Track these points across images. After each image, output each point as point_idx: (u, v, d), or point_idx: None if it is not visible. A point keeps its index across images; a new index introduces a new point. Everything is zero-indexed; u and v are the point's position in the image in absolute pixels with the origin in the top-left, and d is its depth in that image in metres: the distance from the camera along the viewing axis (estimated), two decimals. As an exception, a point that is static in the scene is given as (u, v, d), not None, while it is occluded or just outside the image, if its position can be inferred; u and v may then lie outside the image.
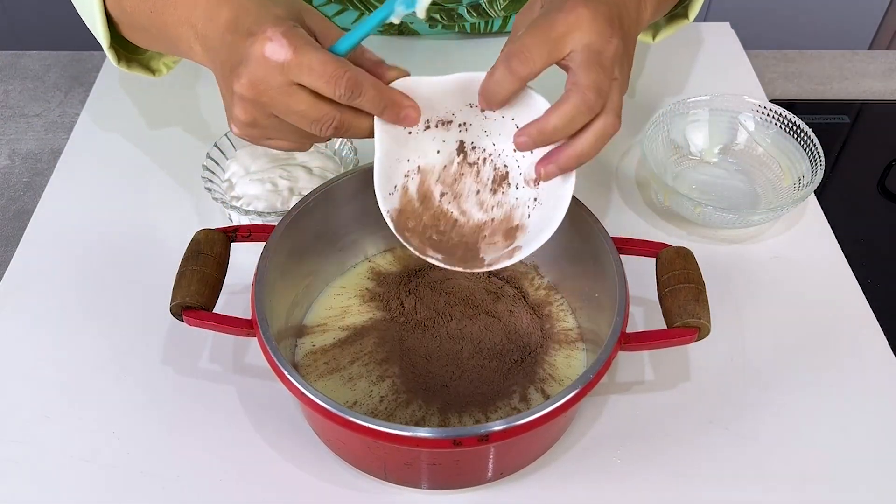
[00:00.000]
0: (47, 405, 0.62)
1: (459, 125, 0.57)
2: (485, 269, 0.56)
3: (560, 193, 0.55)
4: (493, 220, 0.58)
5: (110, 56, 0.65)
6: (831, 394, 0.65)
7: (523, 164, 0.57)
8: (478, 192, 0.59)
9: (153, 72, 0.71)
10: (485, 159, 0.58)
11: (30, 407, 0.62)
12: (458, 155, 0.58)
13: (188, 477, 0.58)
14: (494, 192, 0.58)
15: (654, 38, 0.79)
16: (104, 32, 0.63)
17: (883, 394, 0.65)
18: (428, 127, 0.57)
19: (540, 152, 0.55)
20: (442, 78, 0.55)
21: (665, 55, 0.97)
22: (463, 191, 0.59)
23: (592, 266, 0.61)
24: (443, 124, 0.57)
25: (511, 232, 0.57)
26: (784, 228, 0.78)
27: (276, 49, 0.48)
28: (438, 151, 0.58)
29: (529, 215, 0.57)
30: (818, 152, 0.75)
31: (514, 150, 0.56)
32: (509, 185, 0.58)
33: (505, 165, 0.58)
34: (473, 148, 0.58)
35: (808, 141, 0.78)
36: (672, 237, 0.76)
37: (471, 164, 0.58)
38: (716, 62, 0.98)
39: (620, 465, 0.60)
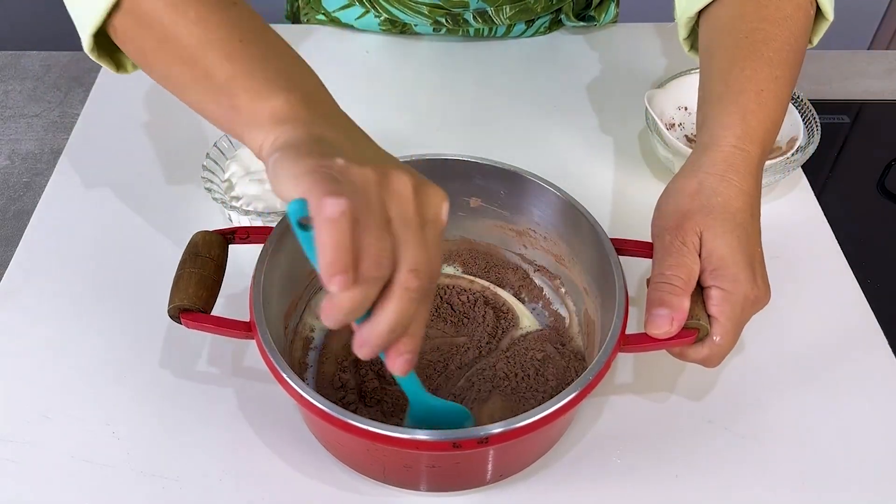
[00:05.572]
0: (47, 405, 0.62)
1: None
2: None
3: None
4: None
5: (88, 42, 0.57)
6: (831, 394, 0.65)
7: None
8: None
9: (117, 66, 0.63)
10: None
11: (30, 407, 0.62)
12: None
13: (188, 478, 0.58)
14: None
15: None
16: (95, 24, 0.55)
17: (883, 394, 0.65)
18: None
19: None
20: None
21: (666, 56, 0.97)
22: None
23: (592, 267, 0.61)
24: None
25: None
26: (784, 228, 0.77)
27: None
28: None
29: None
30: (814, 117, 0.79)
31: None
32: None
33: None
34: None
35: (804, 108, 0.81)
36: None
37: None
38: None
39: (620, 466, 0.60)
